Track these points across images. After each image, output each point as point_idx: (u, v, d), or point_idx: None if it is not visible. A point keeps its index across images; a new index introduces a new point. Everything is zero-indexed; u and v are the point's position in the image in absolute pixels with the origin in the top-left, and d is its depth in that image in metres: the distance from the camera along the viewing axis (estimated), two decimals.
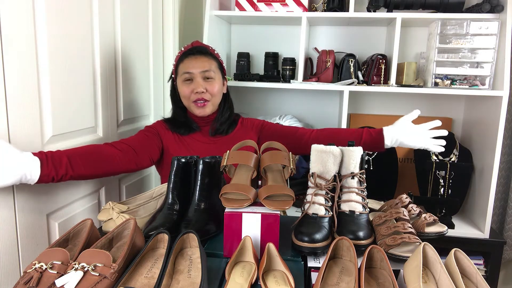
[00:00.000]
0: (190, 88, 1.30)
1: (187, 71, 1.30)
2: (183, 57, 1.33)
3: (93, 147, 1.11)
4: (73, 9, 1.16)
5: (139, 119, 1.67)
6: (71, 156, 1.00)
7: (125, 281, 0.68)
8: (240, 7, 1.86)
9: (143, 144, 1.26)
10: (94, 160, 1.06)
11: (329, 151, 0.91)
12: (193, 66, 1.30)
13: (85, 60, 1.24)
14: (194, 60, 1.31)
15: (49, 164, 0.94)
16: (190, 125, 1.37)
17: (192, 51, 1.33)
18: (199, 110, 1.32)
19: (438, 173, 1.77)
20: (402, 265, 0.78)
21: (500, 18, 1.62)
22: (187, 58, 1.32)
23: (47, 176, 0.94)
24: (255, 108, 2.14)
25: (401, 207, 0.96)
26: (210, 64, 1.32)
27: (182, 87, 1.32)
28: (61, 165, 0.97)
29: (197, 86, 1.29)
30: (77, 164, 1.01)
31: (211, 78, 1.31)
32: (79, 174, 1.02)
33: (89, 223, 0.83)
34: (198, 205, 0.95)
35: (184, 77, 1.30)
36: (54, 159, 0.96)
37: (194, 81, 1.30)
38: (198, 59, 1.31)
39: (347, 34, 2.01)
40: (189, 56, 1.32)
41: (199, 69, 1.29)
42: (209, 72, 1.30)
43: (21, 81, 0.97)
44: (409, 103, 2.00)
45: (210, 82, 1.31)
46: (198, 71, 1.29)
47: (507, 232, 1.92)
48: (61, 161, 0.97)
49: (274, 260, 0.77)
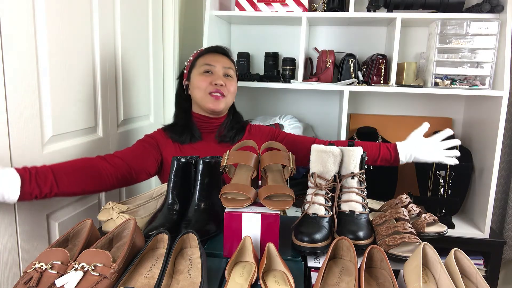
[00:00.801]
0: (209, 79, 1.27)
1: (209, 63, 1.29)
2: (203, 53, 1.33)
3: (83, 162, 1.04)
4: (73, 9, 1.16)
5: (139, 119, 1.67)
6: (57, 173, 0.94)
7: (125, 281, 0.68)
8: (240, 7, 1.86)
9: (138, 157, 1.19)
10: (82, 177, 1.00)
11: (329, 151, 0.91)
12: (216, 60, 1.30)
13: (85, 60, 1.24)
14: (217, 56, 1.32)
15: (32, 181, 0.89)
16: (192, 132, 1.31)
17: (215, 49, 1.34)
18: (213, 104, 1.26)
19: (438, 173, 1.77)
20: (402, 265, 0.78)
21: (500, 18, 1.62)
22: (210, 53, 1.32)
23: (29, 195, 0.88)
24: (255, 108, 2.14)
25: (401, 207, 0.96)
26: (231, 64, 1.33)
27: (199, 78, 1.28)
28: (46, 182, 0.91)
29: (217, 78, 1.27)
30: (63, 181, 0.95)
31: (230, 76, 1.32)
32: (65, 192, 0.96)
33: (89, 223, 0.83)
34: (198, 205, 0.95)
35: (204, 69, 1.28)
36: (39, 176, 0.90)
37: (214, 74, 1.28)
38: (221, 56, 1.33)
39: (347, 34, 2.01)
40: (212, 52, 1.33)
41: (222, 64, 1.30)
42: (229, 70, 1.31)
43: (21, 81, 0.97)
44: (409, 103, 2.00)
45: (229, 79, 1.31)
46: (220, 65, 1.29)
47: (507, 232, 1.92)
48: (46, 178, 0.92)
49: (274, 260, 0.77)
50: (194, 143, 1.32)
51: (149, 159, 1.22)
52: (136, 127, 1.62)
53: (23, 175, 0.88)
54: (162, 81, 1.84)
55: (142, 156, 1.21)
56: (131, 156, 1.18)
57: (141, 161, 1.19)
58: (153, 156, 1.24)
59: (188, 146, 1.31)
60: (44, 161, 1.07)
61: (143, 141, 1.28)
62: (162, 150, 1.29)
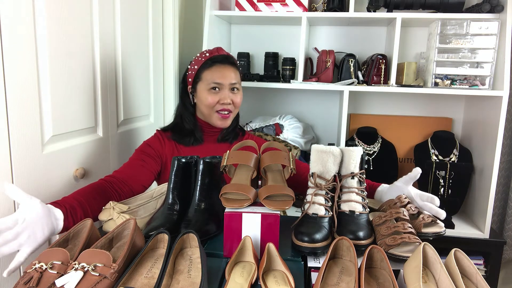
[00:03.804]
0: (217, 98, 1.28)
1: (216, 81, 1.27)
2: (209, 64, 1.29)
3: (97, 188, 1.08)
4: (73, 9, 1.16)
5: (139, 119, 1.67)
6: (83, 206, 0.98)
7: (125, 281, 0.68)
8: (240, 7, 1.86)
9: (136, 176, 1.20)
10: (99, 203, 1.04)
11: (329, 151, 0.91)
12: (224, 76, 1.28)
13: (85, 60, 1.24)
14: (223, 69, 1.29)
15: (68, 216, 0.92)
16: (196, 136, 1.33)
17: (221, 60, 1.30)
18: (221, 122, 1.31)
19: (438, 173, 1.77)
20: (402, 265, 0.78)
21: (500, 18, 1.62)
22: (215, 66, 1.29)
23: (66, 229, 0.92)
24: (255, 108, 2.14)
25: (400, 207, 0.96)
26: (236, 76, 1.32)
27: (207, 95, 1.28)
28: (77, 215, 0.95)
29: (225, 98, 1.28)
30: (87, 211, 0.99)
31: (237, 89, 1.32)
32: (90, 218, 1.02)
33: (89, 223, 0.83)
34: (198, 205, 0.95)
35: (211, 86, 1.28)
36: (70, 210, 0.94)
37: (222, 92, 1.28)
38: (227, 68, 1.30)
39: (347, 34, 2.01)
40: (217, 64, 1.29)
41: (228, 80, 1.28)
42: (236, 84, 1.31)
43: (21, 81, 0.97)
44: (409, 103, 2.00)
45: (235, 94, 1.31)
46: (227, 83, 1.28)
47: (507, 232, 1.92)
48: (76, 211, 0.95)
49: (274, 260, 0.77)
50: (195, 146, 1.34)
51: (147, 174, 1.24)
52: (136, 127, 1.62)
53: (62, 210, 0.91)
54: (162, 81, 1.84)
55: (139, 173, 1.22)
56: (128, 174, 1.19)
57: (138, 179, 1.21)
58: (150, 170, 1.25)
59: (187, 148, 1.33)
60: (44, 161, 1.07)
61: (142, 153, 1.27)
62: (161, 154, 1.30)
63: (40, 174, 1.07)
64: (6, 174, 0.96)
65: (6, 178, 0.96)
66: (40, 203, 0.84)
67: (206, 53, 1.32)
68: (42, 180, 1.08)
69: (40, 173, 1.07)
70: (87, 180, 1.29)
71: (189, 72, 1.34)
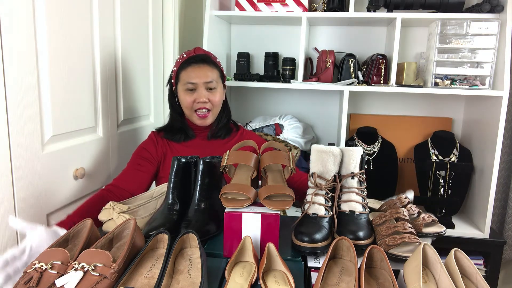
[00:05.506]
0: (193, 98, 1.29)
1: (190, 81, 1.28)
2: (185, 65, 1.30)
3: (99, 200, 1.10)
4: (73, 9, 1.16)
5: (139, 119, 1.67)
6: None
7: (125, 281, 0.68)
8: (240, 7, 1.86)
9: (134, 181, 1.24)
10: None
11: (329, 151, 0.91)
12: (197, 75, 1.28)
13: (85, 60, 1.24)
14: (197, 69, 1.29)
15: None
16: (187, 132, 1.36)
17: (195, 60, 1.30)
18: (200, 121, 1.32)
19: (438, 173, 1.77)
20: (402, 265, 0.78)
21: (500, 18, 1.62)
22: (190, 67, 1.29)
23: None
24: (255, 108, 2.14)
25: (400, 207, 0.96)
26: (212, 74, 1.30)
27: (184, 96, 1.30)
28: None
29: (200, 97, 1.28)
30: None
31: (213, 88, 1.31)
32: None
33: (89, 223, 0.83)
34: (198, 205, 0.95)
35: (187, 87, 1.29)
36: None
37: (197, 91, 1.29)
38: (202, 68, 1.30)
39: (347, 34, 2.01)
40: (192, 64, 1.30)
41: (203, 79, 1.28)
42: (211, 83, 1.30)
43: (21, 81, 0.97)
44: (409, 103, 2.00)
45: (212, 92, 1.31)
46: (201, 82, 1.28)
47: (507, 232, 1.92)
48: None
49: (274, 260, 0.77)
50: (187, 141, 1.36)
51: (145, 177, 1.28)
52: (136, 127, 1.62)
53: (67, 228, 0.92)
54: (162, 81, 1.84)
55: (138, 178, 1.27)
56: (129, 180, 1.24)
57: (138, 184, 1.25)
58: (148, 172, 1.29)
59: (180, 145, 1.36)
60: (44, 161, 1.07)
61: (138, 157, 1.31)
62: (156, 154, 1.33)
63: (40, 174, 1.07)
64: (6, 174, 0.96)
65: (6, 178, 0.96)
66: (45, 228, 0.85)
67: (184, 54, 1.34)
68: (42, 180, 1.08)
69: (40, 173, 1.07)
70: (87, 180, 1.29)
71: (172, 74, 1.37)
